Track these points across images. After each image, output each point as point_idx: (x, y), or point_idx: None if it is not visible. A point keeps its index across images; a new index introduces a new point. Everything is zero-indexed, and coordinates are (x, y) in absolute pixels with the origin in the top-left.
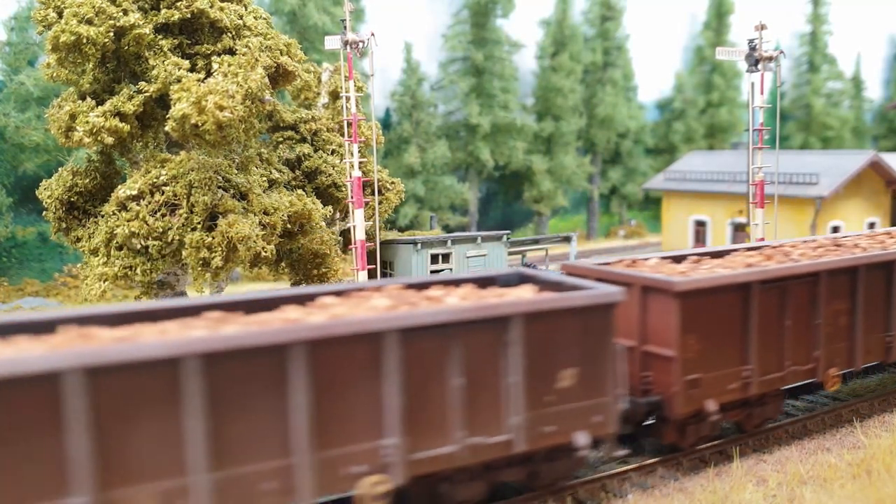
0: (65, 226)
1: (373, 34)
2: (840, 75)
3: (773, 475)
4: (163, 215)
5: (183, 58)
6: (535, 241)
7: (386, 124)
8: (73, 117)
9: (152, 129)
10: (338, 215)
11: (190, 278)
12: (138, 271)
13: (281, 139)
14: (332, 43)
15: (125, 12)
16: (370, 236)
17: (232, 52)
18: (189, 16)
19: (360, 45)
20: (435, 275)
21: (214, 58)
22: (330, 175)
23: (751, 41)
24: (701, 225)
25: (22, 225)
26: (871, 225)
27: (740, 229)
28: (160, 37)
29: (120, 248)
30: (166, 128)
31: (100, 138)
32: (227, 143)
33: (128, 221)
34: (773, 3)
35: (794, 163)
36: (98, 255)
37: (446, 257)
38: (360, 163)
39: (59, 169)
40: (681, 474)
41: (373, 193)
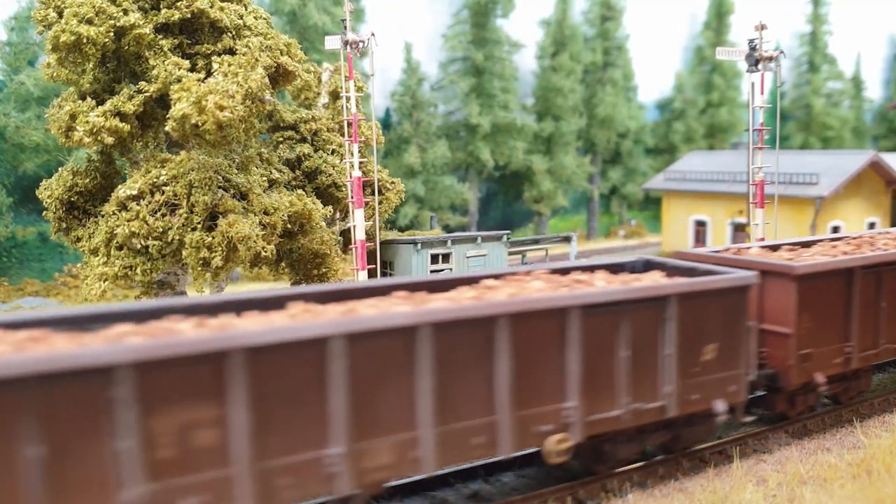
0: (65, 226)
1: (373, 34)
2: (840, 75)
3: (773, 475)
4: (163, 215)
5: (183, 58)
6: (535, 241)
7: (386, 124)
8: (73, 117)
9: (152, 129)
10: (338, 215)
11: (190, 278)
12: (138, 271)
13: (281, 139)
14: (332, 43)
15: (125, 12)
16: (370, 236)
17: (232, 52)
18: (189, 16)
19: (360, 45)
20: (574, 261)
21: (214, 58)
22: (330, 175)
23: (751, 41)
24: (701, 225)
25: (22, 225)
26: (871, 225)
27: (740, 229)
28: (160, 37)
29: (120, 248)
30: (166, 128)
31: (100, 138)
32: (227, 143)
33: (128, 221)
34: (773, 3)
35: (794, 163)
36: (98, 255)
37: (446, 257)
38: (361, 163)
39: (60, 169)
40: (681, 474)
41: (373, 193)
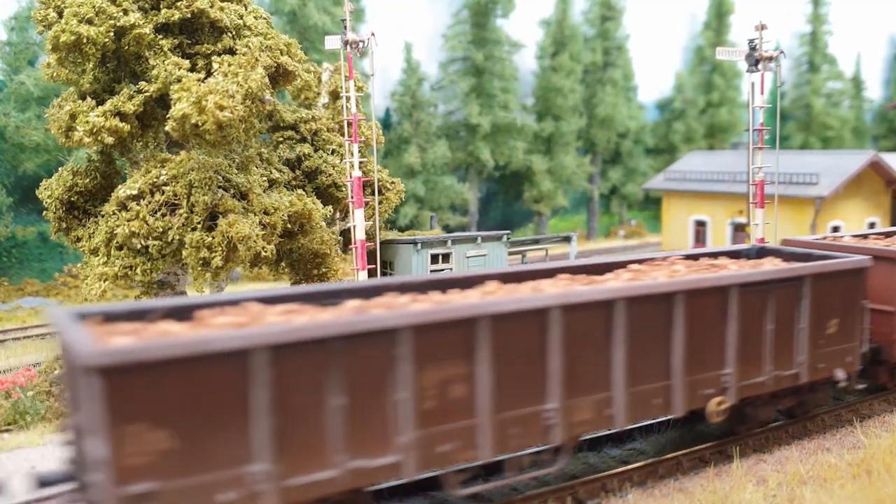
0: (65, 225)
1: (373, 34)
2: (840, 75)
3: (773, 475)
4: (163, 215)
5: (183, 57)
6: (535, 241)
7: (386, 124)
8: (73, 117)
9: (152, 128)
10: (338, 215)
11: (190, 278)
12: (138, 271)
13: (281, 139)
14: (332, 43)
15: (125, 12)
16: (370, 236)
17: (232, 51)
18: (189, 15)
19: (360, 45)
20: (701, 248)
21: (214, 58)
22: (330, 175)
23: (751, 41)
24: (701, 225)
25: (22, 225)
26: (871, 225)
27: (740, 229)
28: (160, 37)
29: (120, 248)
30: (166, 128)
31: (100, 138)
32: (227, 142)
33: (128, 221)
34: (773, 3)
35: (794, 163)
36: (98, 255)
37: (446, 257)
38: (361, 163)
39: (60, 169)
40: (681, 474)
41: (373, 193)
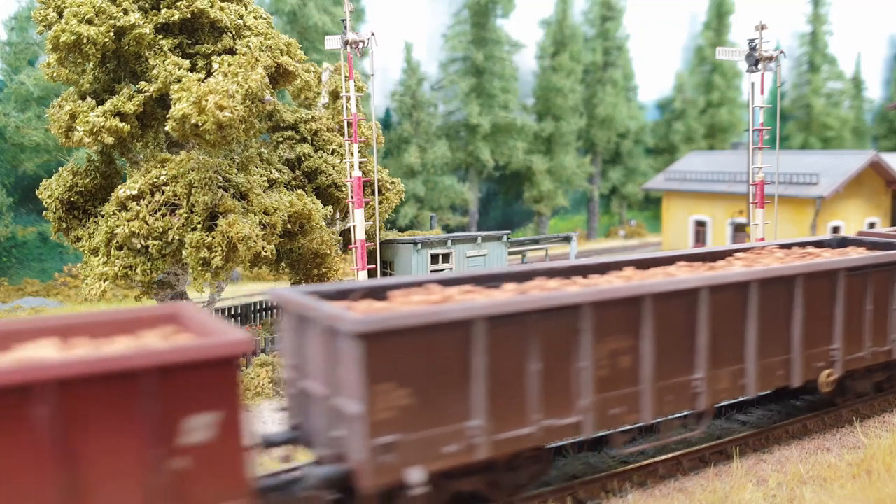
0: (65, 225)
1: (373, 34)
2: (840, 75)
3: (773, 475)
4: (163, 215)
5: (183, 57)
6: (535, 241)
7: (386, 124)
8: (73, 117)
9: (152, 128)
10: (338, 215)
11: (190, 278)
12: (138, 271)
13: (281, 139)
14: (332, 43)
15: (125, 12)
16: (370, 236)
17: (232, 51)
18: (189, 15)
19: (361, 45)
20: (794, 238)
21: (215, 58)
22: (330, 175)
23: (751, 41)
24: (701, 225)
25: (22, 225)
26: (872, 225)
27: (740, 229)
28: (160, 36)
29: (120, 248)
30: (166, 128)
31: (100, 138)
32: (227, 142)
33: (128, 221)
34: (773, 3)
35: (794, 163)
36: (98, 255)
37: (446, 257)
38: (361, 163)
39: (60, 169)
40: (681, 474)
41: (373, 193)
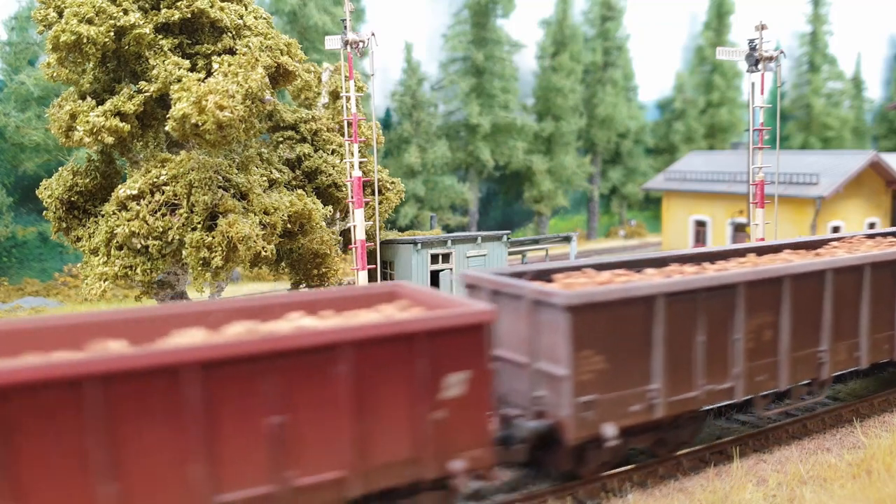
0: (65, 225)
1: (373, 34)
2: (840, 75)
3: (773, 475)
4: (163, 215)
5: (183, 57)
6: (535, 241)
7: (386, 124)
8: (73, 117)
9: (152, 128)
10: (338, 215)
11: (190, 278)
12: (138, 271)
13: (281, 139)
14: (332, 43)
15: (125, 12)
16: (370, 236)
17: (232, 51)
18: (189, 15)
19: (361, 45)
20: (875, 230)
21: (215, 57)
22: (330, 175)
23: (751, 41)
24: (701, 225)
25: (22, 225)
26: (871, 225)
27: (740, 229)
28: (160, 36)
29: (120, 248)
30: (166, 127)
31: (100, 138)
32: (227, 142)
33: (128, 221)
34: (773, 3)
35: (794, 163)
36: (98, 255)
37: (446, 257)
38: (361, 163)
39: (60, 168)
40: (681, 474)
41: (373, 193)
